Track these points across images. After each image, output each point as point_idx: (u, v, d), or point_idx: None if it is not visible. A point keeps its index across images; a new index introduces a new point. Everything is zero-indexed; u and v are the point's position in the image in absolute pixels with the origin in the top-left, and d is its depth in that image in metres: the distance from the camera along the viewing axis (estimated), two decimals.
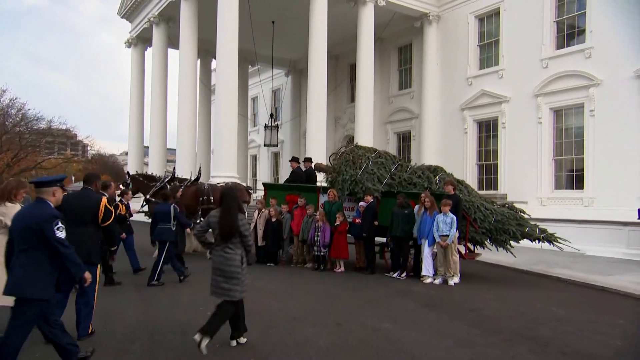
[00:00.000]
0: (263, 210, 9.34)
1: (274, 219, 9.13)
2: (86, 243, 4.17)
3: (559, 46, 13.56)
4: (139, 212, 10.84)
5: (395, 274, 8.03)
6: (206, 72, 21.74)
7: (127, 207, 7.64)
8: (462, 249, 8.26)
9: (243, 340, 4.21)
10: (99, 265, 4.41)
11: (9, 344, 3.10)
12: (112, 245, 4.74)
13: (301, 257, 9.23)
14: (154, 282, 6.72)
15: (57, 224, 3.20)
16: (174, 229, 7.01)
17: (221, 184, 10.41)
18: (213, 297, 4.03)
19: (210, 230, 4.15)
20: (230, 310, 4.03)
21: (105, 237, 4.41)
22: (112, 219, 4.38)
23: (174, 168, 11.76)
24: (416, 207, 8.06)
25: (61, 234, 3.20)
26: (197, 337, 3.79)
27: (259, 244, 9.20)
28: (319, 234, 8.48)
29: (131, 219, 7.81)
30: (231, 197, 4.11)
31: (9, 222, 3.63)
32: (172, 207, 7.11)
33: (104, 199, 4.36)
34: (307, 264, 8.98)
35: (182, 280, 7.04)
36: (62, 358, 3.34)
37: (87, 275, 3.51)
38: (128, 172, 11.63)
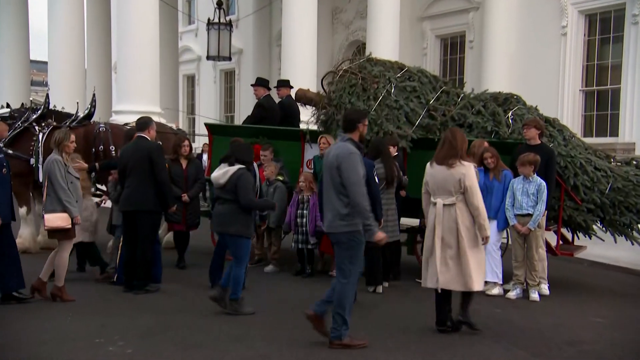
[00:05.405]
0: None
1: None
2: None
3: None
4: None
5: None
6: None
7: None
8: (552, 239, 8.30)
9: (380, 289, 7.58)
10: None
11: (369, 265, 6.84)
12: None
13: (261, 252, 9.39)
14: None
15: None
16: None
17: (130, 125, 10.20)
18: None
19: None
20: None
21: None
22: None
23: (47, 96, 11.41)
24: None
25: None
26: (380, 289, 7.60)
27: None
28: (305, 212, 8.47)
29: None
30: (385, 145, 7.55)
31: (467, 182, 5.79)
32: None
33: None
34: (270, 264, 9.05)
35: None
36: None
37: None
38: None
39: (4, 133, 7.27)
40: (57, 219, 6.78)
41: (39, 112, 10.25)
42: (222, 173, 6.56)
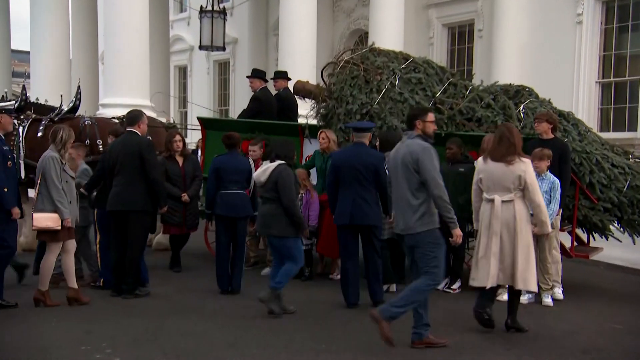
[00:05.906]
0: None
1: None
2: None
3: None
4: None
5: (442, 285, 7.99)
6: None
7: None
8: (567, 240, 8.28)
9: (394, 287, 7.74)
10: None
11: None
12: None
13: (257, 255, 9.38)
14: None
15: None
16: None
17: (118, 118, 10.18)
18: None
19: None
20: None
21: None
22: None
23: (24, 87, 11.38)
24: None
25: None
26: (393, 287, 7.84)
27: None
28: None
29: None
30: (397, 138, 6.65)
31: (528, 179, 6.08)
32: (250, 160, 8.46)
33: None
34: (267, 267, 8.98)
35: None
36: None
37: None
38: None
39: (9, 126, 7.24)
40: (46, 219, 6.74)
41: (16, 104, 10.21)
42: (262, 171, 6.73)
